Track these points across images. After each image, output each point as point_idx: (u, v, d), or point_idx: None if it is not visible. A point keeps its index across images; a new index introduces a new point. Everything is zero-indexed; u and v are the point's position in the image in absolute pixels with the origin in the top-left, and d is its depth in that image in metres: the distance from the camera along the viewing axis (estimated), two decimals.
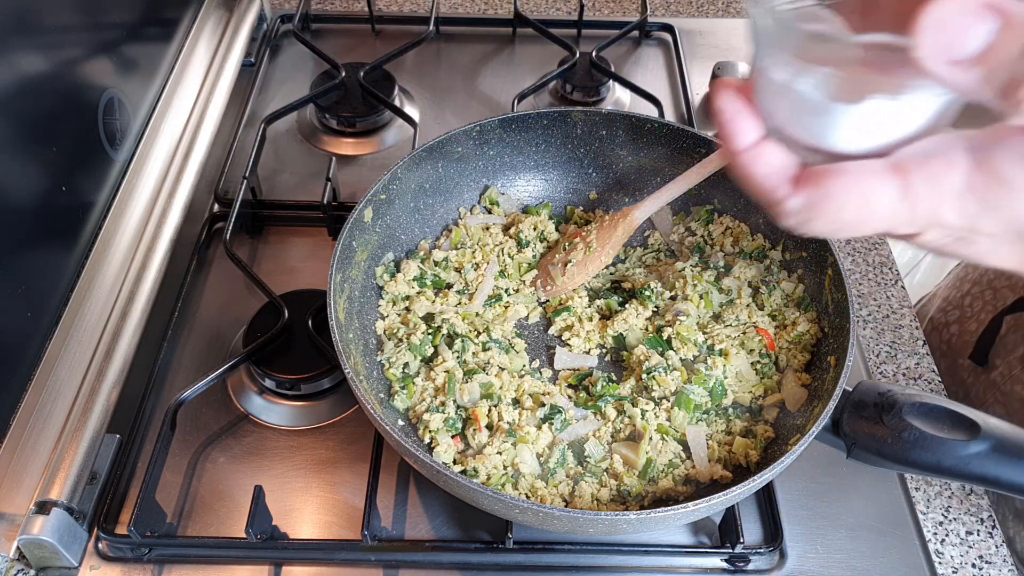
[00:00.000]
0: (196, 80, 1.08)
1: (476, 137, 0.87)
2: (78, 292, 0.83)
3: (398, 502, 0.77)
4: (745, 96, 0.40)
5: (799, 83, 0.36)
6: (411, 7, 1.31)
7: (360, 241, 0.80)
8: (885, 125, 0.36)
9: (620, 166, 0.92)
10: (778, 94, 0.38)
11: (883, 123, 0.36)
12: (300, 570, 0.73)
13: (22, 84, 0.75)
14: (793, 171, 0.38)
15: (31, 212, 0.77)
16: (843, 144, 0.37)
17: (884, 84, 0.34)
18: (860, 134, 0.37)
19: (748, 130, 0.39)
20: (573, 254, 0.86)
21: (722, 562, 0.74)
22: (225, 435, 0.81)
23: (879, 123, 0.36)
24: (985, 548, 0.76)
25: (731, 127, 0.40)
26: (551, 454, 0.73)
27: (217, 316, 0.90)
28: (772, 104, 0.39)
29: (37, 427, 0.74)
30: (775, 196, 0.38)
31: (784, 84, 0.37)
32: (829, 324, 0.77)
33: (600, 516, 0.60)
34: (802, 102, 0.37)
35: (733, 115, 0.40)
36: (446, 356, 0.78)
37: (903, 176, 0.35)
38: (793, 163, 0.39)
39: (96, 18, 0.90)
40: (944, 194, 0.34)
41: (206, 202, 1.00)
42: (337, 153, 1.08)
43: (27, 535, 0.68)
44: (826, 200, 0.36)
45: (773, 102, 0.39)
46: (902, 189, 0.34)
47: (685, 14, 1.32)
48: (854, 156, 0.37)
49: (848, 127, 0.37)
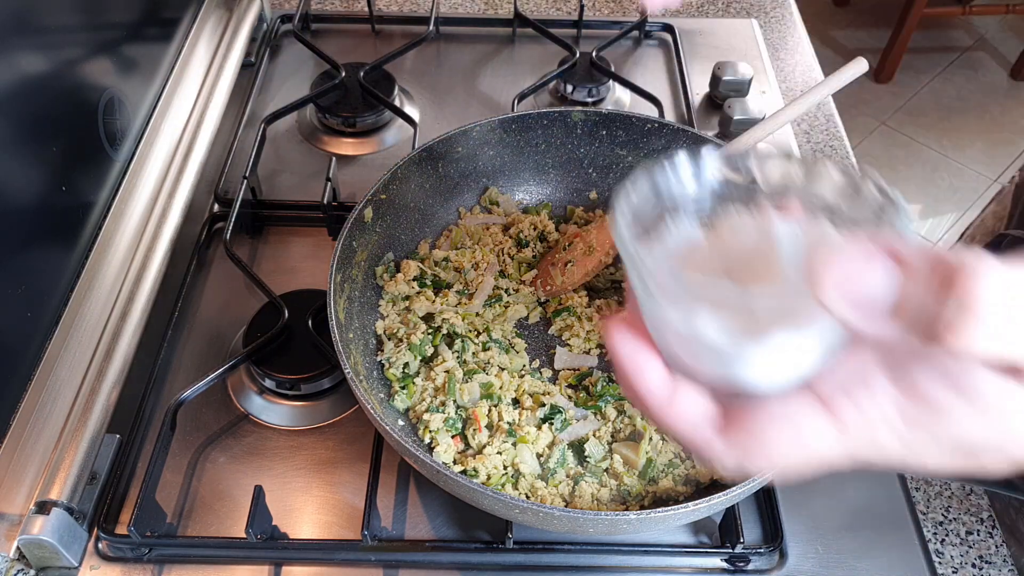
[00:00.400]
0: (196, 80, 1.08)
1: (476, 137, 0.87)
2: (78, 292, 0.83)
3: (398, 502, 0.77)
4: (638, 331, 0.37)
5: (695, 327, 0.34)
6: (411, 7, 1.31)
7: (360, 241, 0.80)
8: (796, 357, 0.34)
9: (620, 166, 0.92)
10: (675, 336, 0.36)
11: (794, 355, 0.34)
12: (300, 570, 0.73)
13: (22, 84, 0.75)
14: (713, 414, 0.36)
15: (31, 212, 0.77)
16: (754, 381, 0.35)
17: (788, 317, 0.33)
18: (772, 369, 0.35)
19: (652, 372, 0.36)
20: (573, 254, 0.86)
21: (722, 562, 0.74)
22: (225, 435, 0.81)
23: (790, 356, 0.34)
24: (985, 548, 0.76)
25: (633, 374, 0.37)
26: (551, 454, 0.73)
27: (217, 316, 0.90)
28: (669, 344, 0.36)
29: (37, 427, 0.74)
30: (702, 446, 0.36)
31: (678, 328, 0.35)
32: None
33: (600, 516, 0.60)
34: (702, 344, 0.35)
35: (632, 359, 0.37)
36: (446, 356, 0.79)
37: (830, 408, 0.34)
38: (710, 407, 0.36)
39: (96, 18, 0.90)
40: (874, 421, 0.33)
41: (206, 202, 1.00)
42: (337, 153, 1.08)
43: (27, 535, 0.68)
44: (757, 444, 0.34)
45: (670, 342, 0.36)
46: (832, 422, 0.33)
47: (685, 14, 1.32)
48: (769, 392, 0.35)
49: (758, 365, 0.35)
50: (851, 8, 3.43)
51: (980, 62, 3.25)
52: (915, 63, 3.18)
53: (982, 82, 3.17)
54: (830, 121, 1.15)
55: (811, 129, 1.14)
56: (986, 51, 3.29)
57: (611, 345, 0.37)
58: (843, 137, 1.13)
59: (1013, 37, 3.33)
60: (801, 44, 1.28)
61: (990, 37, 3.33)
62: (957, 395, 0.32)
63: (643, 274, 0.34)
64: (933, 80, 3.18)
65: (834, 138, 1.13)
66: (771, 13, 1.33)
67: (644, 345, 0.37)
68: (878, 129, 3.01)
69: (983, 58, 3.26)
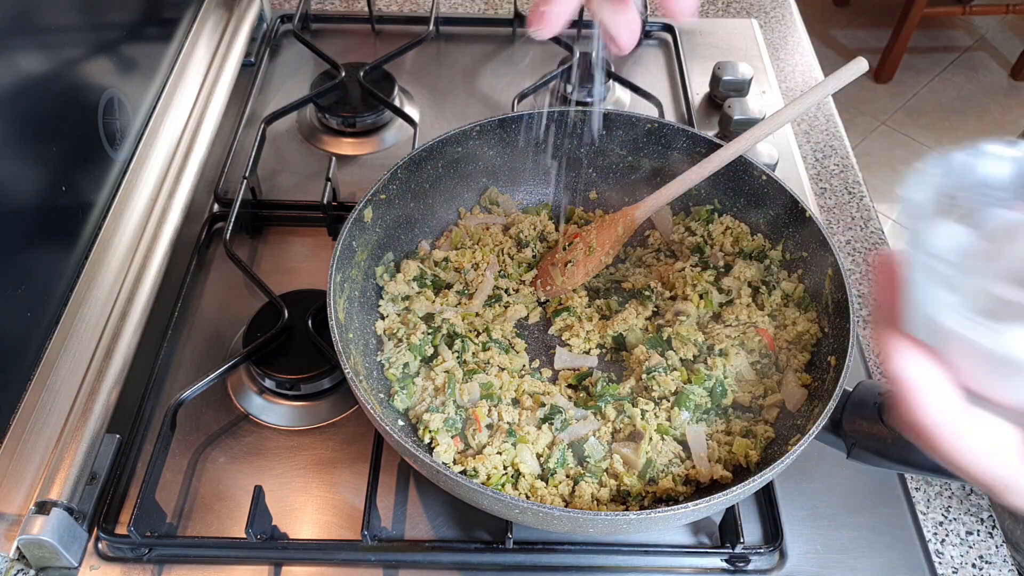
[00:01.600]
0: (196, 80, 1.08)
1: (476, 137, 0.87)
2: (78, 292, 0.83)
3: (398, 502, 0.77)
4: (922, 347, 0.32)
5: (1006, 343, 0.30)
6: (411, 7, 1.31)
7: (360, 241, 0.80)
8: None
9: (620, 166, 0.92)
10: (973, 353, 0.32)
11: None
12: (300, 570, 0.73)
13: (22, 84, 0.75)
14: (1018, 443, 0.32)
15: (31, 212, 0.77)
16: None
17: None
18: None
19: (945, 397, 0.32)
20: (573, 254, 0.86)
21: (722, 562, 0.74)
22: (225, 435, 0.81)
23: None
24: (985, 548, 0.76)
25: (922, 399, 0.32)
26: (551, 454, 0.73)
27: (217, 316, 0.90)
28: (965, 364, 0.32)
29: (37, 427, 0.74)
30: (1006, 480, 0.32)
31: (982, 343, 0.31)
32: (829, 324, 0.77)
33: (600, 516, 0.60)
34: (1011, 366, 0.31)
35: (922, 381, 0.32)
36: (446, 356, 0.78)
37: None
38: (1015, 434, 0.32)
39: (96, 18, 0.90)
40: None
41: (206, 202, 1.00)
42: (337, 153, 1.08)
43: (27, 535, 0.68)
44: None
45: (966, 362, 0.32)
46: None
47: None
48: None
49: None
50: (851, 8, 3.43)
51: (980, 62, 3.25)
52: (915, 63, 3.19)
53: (982, 82, 3.17)
54: (830, 121, 1.15)
55: (811, 129, 1.14)
56: (986, 51, 3.29)
57: (893, 364, 0.33)
58: (843, 137, 1.13)
59: (1013, 37, 3.33)
60: (801, 44, 1.28)
61: (990, 37, 3.33)
62: None
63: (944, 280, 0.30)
64: (933, 80, 3.18)
65: (834, 138, 1.13)
66: (771, 13, 1.33)
67: (932, 364, 0.32)
68: (878, 129, 3.01)
69: (983, 58, 3.26)
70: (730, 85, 1.12)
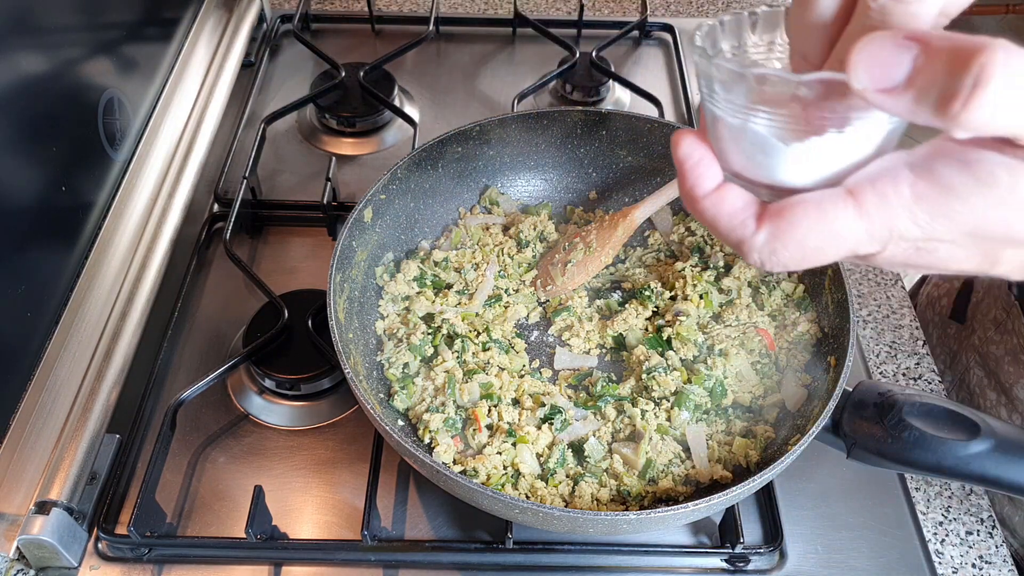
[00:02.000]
0: (196, 80, 1.08)
1: (476, 137, 0.87)
2: (78, 292, 0.83)
3: (398, 502, 0.77)
4: (704, 142, 0.42)
5: (751, 128, 0.39)
6: (411, 7, 1.31)
7: (360, 241, 0.80)
8: (835, 157, 0.39)
9: (620, 166, 0.92)
10: (732, 139, 0.40)
11: (833, 156, 0.39)
12: (300, 570, 0.73)
13: (22, 84, 0.75)
14: (755, 209, 0.40)
15: (31, 212, 0.77)
16: (798, 179, 0.40)
17: (830, 120, 0.37)
18: (813, 168, 0.39)
19: (710, 176, 0.41)
20: (573, 254, 0.86)
21: (722, 562, 0.74)
22: (225, 435, 0.81)
23: (830, 156, 0.39)
24: (985, 548, 0.76)
25: (694, 174, 0.41)
26: (551, 454, 0.73)
27: (217, 316, 0.90)
28: (727, 148, 0.41)
29: (37, 427, 0.74)
30: (741, 233, 0.40)
31: (737, 129, 0.39)
32: (829, 324, 0.77)
33: (600, 516, 0.60)
34: (756, 145, 0.39)
35: (696, 162, 0.41)
36: (446, 356, 0.78)
37: (856, 197, 0.37)
38: (754, 202, 0.41)
39: (96, 18, 0.90)
40: (895, 207, 0.36)
41: (206, 202, 1.00)
42: (337, 153, 1.08)
43: (27, 535, 0.68)
44: (790, 229, 0.38)
45: (728, 147, 0.41)
46: (857, 209, 0.37)
47: (685, 14, 1.32)
48: (810, 189, 0.39)
49: (801, 163, 0.39)
50: None
51: None
52: None
53: None
54: None
55: None
56: None
57: (676, 145, 0.41)
58: None
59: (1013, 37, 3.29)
60: None
61: None
62: (975, 180, 0.35)
63: (714, 81, 0.39)
64: None
65: None
66: None
67: (706, 150, 0.41)
68: None
69: None
70: None
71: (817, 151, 0.39)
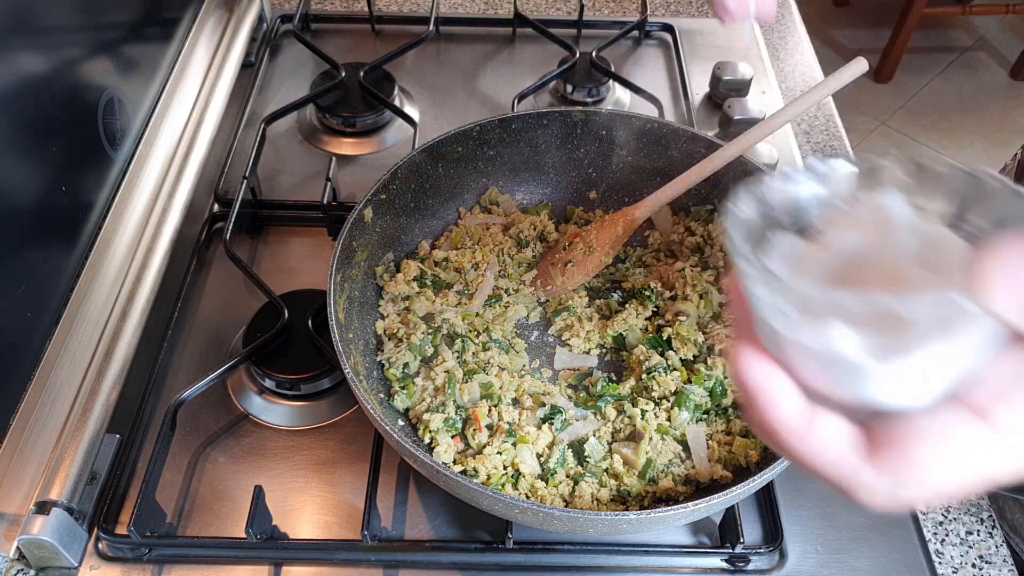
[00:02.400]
0: (196, 80, 1.08)
1: (476, 137, 0.87)
2: (78, 292, 0.83)
3: (398, 502, 0.77)
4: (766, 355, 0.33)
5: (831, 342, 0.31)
6: (411, 7, 1.31)
7: (360, 241, 0.80)
8: (945, 366, 0.32)
9: (620, 166, 0.92)
10: (806, 355, 0.33)
11: (942, 364, 0.32)
12: (300, 570, 0.73)
13: (22, 84, 0.75)
14: (857, 440, 0.33)
15: (31, 212, 0.77)
16: (901, 397, 0.32)
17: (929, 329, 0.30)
18: (918, 382, 0.32)
19: (787, 401, 0.33)
20: (573, 254, 0.86)
21: (722, 562, 0.74)
22: (225, 435, 0.81)
23: (938, 366, 0.32)
24: (985, 548, 0.76)
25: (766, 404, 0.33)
26: (551, 454, 0.73)
27: (217, 316, 0.90)
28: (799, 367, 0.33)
29: (37, 427, 0.74)
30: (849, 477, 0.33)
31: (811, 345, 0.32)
32: None
33: (600, 516, 0.60)
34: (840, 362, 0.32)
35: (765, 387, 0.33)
36: (446, 356, 0.78)
37: (988, 420, 0.31)
38: (853, 432, 0.33)
39: (96, 18, 0.90)
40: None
41: (206, 202, 1.00)
42: (337, 153, 1.08)
43: (27, 535, 0.68)
44: (914, 467, 0.31)
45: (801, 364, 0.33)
46: (992, 433, 0.31)
47: (685, 14, 1.32)
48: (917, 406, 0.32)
49: (903, 379, 0.32)
50: (851, 8, 3.43)
51: (980, 62, 3.25)
52: (915, 63, 3.18)
53: (982, 82, 3.17)
54: (830, 121, 1.15)
55: (811, 129, 1.14)
56: (986, 51, 3.29)
57: (740, 371, 0.34)
58: (843, 137, 1.13)
59: (1013, 37, 3.33)
60: (801, 44, 1.28)
61: (990, 37, 3.33)
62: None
63: (772, 288, 0.32)
64: (933, 80, 3.18)
65: (834, 138, 1.13)
66: None
67: (776, 370, 0.33)
68: (878, 129, 3.01)
69: (983, 58, 3.26)
70: (730, 85, 1.12)
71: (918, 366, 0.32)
